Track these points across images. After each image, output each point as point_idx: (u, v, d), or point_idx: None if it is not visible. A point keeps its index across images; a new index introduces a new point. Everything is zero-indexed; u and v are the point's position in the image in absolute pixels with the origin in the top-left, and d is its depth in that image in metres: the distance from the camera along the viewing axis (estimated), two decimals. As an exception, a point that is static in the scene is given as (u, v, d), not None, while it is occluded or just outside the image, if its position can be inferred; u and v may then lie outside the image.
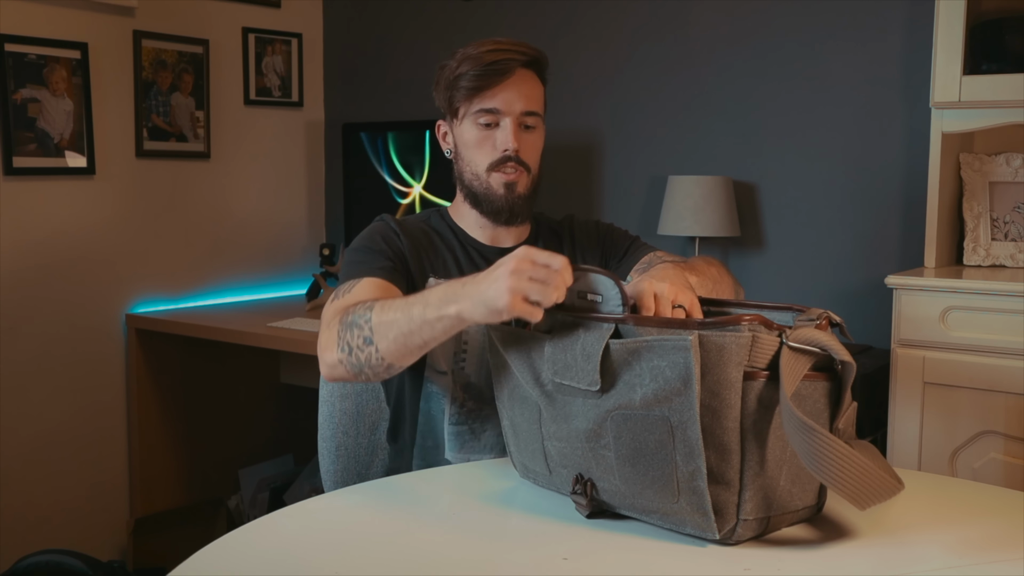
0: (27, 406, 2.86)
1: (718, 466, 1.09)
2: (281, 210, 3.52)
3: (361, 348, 1.35)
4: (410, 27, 3.41)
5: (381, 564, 1.11)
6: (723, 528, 1.10)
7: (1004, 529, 1.20)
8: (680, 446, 1.08)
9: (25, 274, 2.83)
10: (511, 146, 1.55)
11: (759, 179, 2.81)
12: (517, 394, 1.29)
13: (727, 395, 1.08)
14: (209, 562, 1.11)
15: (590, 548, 1.14)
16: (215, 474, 3.29)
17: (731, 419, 1.08)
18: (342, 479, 1.75)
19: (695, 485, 1.08)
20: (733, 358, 1.07)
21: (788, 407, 1.06)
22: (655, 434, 1.10)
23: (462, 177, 1.62)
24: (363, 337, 1.35)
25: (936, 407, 2.14)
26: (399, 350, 1.32)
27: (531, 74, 1.59)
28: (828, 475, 1.05)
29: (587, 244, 1.69)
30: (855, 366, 1.12)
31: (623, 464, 1.14)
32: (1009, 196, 2.39)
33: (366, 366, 1.36)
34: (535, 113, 1.58)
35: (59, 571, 2.62)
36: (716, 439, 1.08)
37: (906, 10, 2.56)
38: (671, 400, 1.08)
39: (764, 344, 1.09)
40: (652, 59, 2.96)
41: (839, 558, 1.11)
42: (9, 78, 2.74)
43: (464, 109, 1.58)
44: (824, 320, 1.15)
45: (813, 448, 1.05)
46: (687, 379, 1.06)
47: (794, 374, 1.09)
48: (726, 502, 1.10)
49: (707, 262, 1.55)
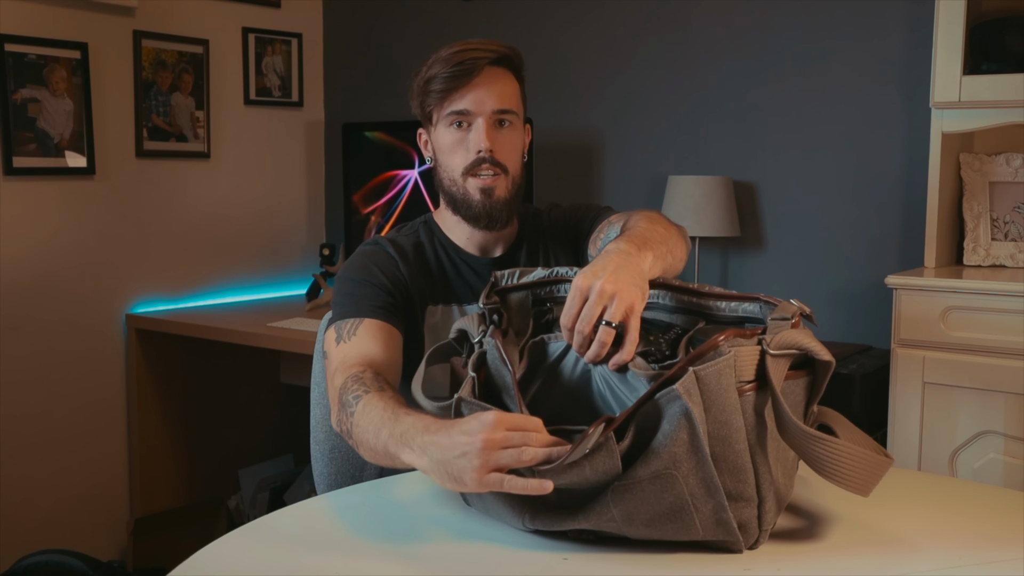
0: (27, 406, 2.86)
1: (735, 487, 1.08)
2: (281, 210, 3.52)
3: (347, 432, 1.34)
4: (410, 27, 3.41)
5: (381, 564, 1.11)
6: (749, 542, 1.11)
7: (1004, 529, 1.20)
8: (697, 491, 1.06)
9: (25, 274, 2.83)
10: (484, 146, 1.51)
11: (759, 179, 2.81)
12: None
13: (733, 420, 1.07)
14: (209, 562, 1.11)
15: (590, 548, 1.14)
16: (215, 474, 3.29)
17: (740, 441, 1.07)
18: (335, 482, 1.74)
19: (719, 518, 1.07)
20: (729, 382, 1.06)
21: (790, 419, 1.07)
22: (668, 493, 1.06)
23: (442, 183, 1.58)
24: (347, 425, 1.34)
25: (936, 407, 2.14)
26: (369, 455, 1.30)
27: (502, 71, 1.55)
28: (837, 475, 1.07)
29: (561, 237, 1.65)
30: (834, 363, 1.12)
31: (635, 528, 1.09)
32: (1009, 196, 2.39)
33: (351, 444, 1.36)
34: (509, 111, 1.54)
35: (59, 571, 2.62)
36: (729, 464, 1.07)
37: (906, 10, 2.56)
38: (675, 454, 1.05)
39: (746, 356, 1.08)
40: (652, 59, 2.96)
41: (839, 558, 1.11)
42: (9, 78, 2.74)
43: (437, 114, 1.55)
44: (797, 317, 1.14)
45: (819, 454, 1.06)
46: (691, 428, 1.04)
47: (778, 378, 1.09)
48: (749, 518, 1.10)
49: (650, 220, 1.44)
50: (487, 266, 1.59)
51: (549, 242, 1.66)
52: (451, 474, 1.11)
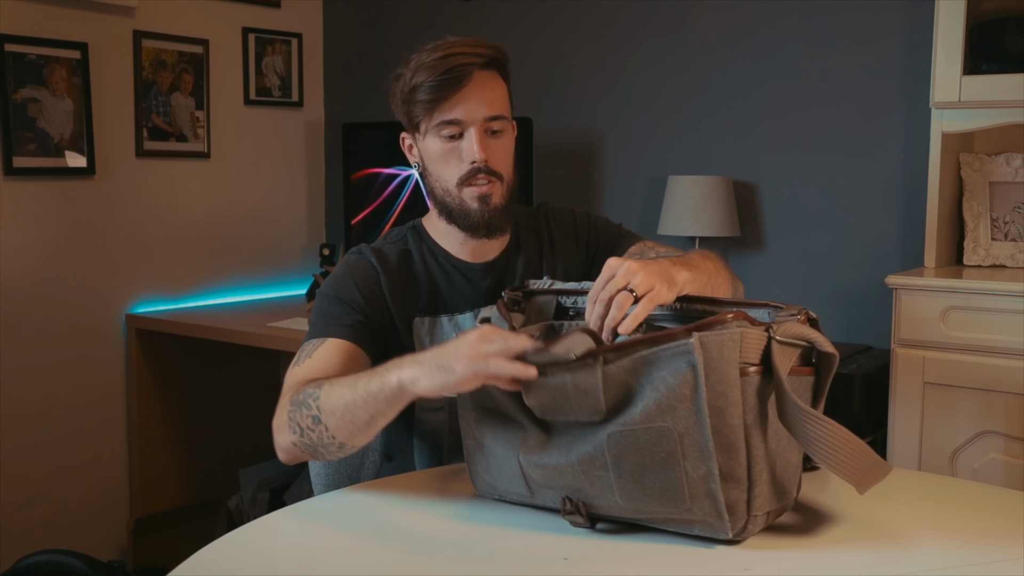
0: (27, 406, 2.86)
1: (726, 464, 1.08)
2: (281, 210, 3.52)
3: (311, 428, 1.30)
4: (410, 27, 3.41)
5: (381, 564, 1.11)
6: (736, 527, 1.10)
7: (1004, 529, 1.20)
8: (689, 452, 1.07)
9: (25, 274, 2.83)
10: (478, 157, 1.46)
11: (759, 179, 2.81)
12: (490, 417, 1.24)
13: (730, 392, 1.08)
14: (209, 562, 1.11)
15: (590, 548, 1.14)
16: (215, 474, 3.29)
17: (735, 416, 1.08)
18: (333, 482, 1.73)
19: (708, 488, 1.08)
20: (731, 355, 1.07)
21: (791, 398, 1.08)
22: (661, 446, 1.08)
23: (433, 192, 1.53)
24: (311, 416, 1.30)
25: (936, 407, 2.14)
26: (347, 427, 1.27)
27: (491, 74, 1.49)
28: (831, 459, 1.07)
29: (565, 241, 1.62)
30: (838, 356, 1.15)
31: (625, 482, 1.11)
32: (1009, 196, 2.39)
33: (319, 445, 1.31)
34: (500, 116, 1.49)
35: (59, 571, 2.62)
36: (723, 438, 1.08)
37: (906, 10, 2.56)
38: (675, 408, 1.07)
39: (753, 339, 1.09)
40: (652, 59, 2.96)
41: (839, 558, 1.11)
42: (9, 78, 2.74)
43: (425, 124, 1.49)
44: (803, 316, 1.16)
45: (814, 434, 1.07)
46: (695, 383, 1.06)
47: (784, 367, 1.10)
48: (737, 500, 1.10)
49: (703, 255, 1.46)
50: (480, 271, 1.56)
51: (554, 246, 1.62)
52: (441, 365, 1.17)
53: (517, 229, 1.62)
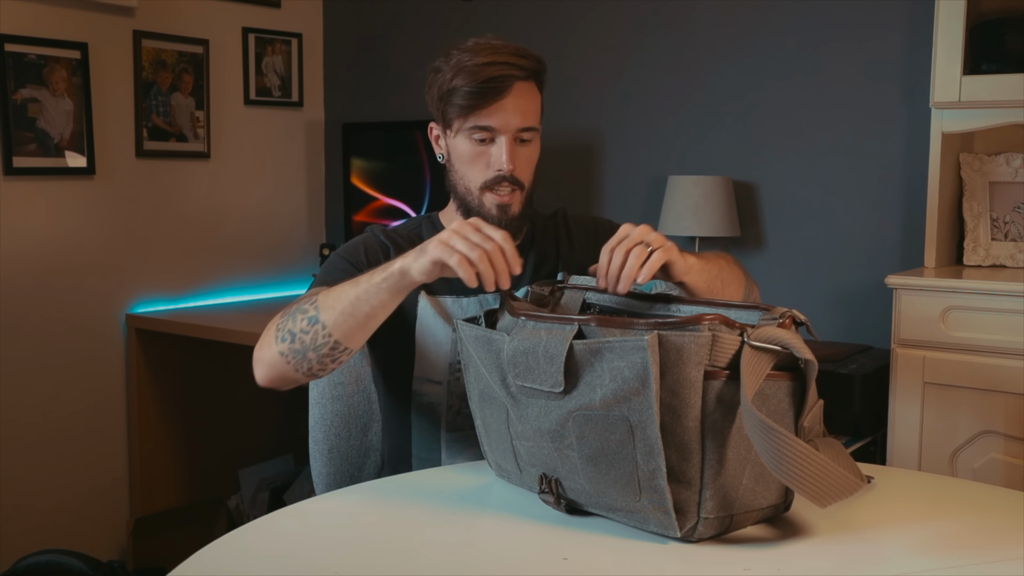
0: (27, 406, 2.86)
1: (679, 465, 1.09)
2: (281, 210, 3.52)
3: (306, 331, 1.34)
4: (410, 27, 3.41)
5: (381, 564, 1.11)
6: (684, 526, 1.11)
7: (1004, 529, 1.20)
8: (640, 445, 1.09)
9: (25, 274, 2.83)
10: (506, 167, 1.48)
11: (759, 179, 2.81)
12: (487, 395, 1.28)
13: (687, 394, 1.07)
14: (209, 562, 1.11)
15: (590, 548, 1.14)
16: (215, 474, 3.29)
17: (691, 418, 1.08)
18: (335, 482, 1.74)
19: (656, 484, 1.09)
20: (692, 358, 1.07)
21: (748, 406, 1.06)
22: (615, 434, 1.10)
23: (455, 189, 1.55)
24: (307, 318, 1.35)
25: (936, 407, 2.14)
26: (346, 322, 1.33)
27: (530, 86, 1.50)
28: (788, 474, 1.04)
29: (584, 240, 1.64)
30: (817, 364, 1.11)
31: (586, 464, 1.14)
32: (1009, 196, 2.39)
33: (309, 349, 1.35)
34: (532, 128, 1.51)
35: (59, 571, 2.62)
36: (676, 438, 1.08)
37: (906, 10, 2.56)
38: (630, 400, 1.08)
39: (725, 343, 1.08)
40: (652, 59, 2.96)
41: (839, 557, 1.12)
42: (9, 78, 2.74)
43: (459, 124, 1.50)
44: (788, 319, 1.14)
45: (773, 447, 1.04)
46: (644, 379, 1.06)
47: (756, 373, 1.08)
48: (687, 501, 1.10)
49: (717, 254, 1.49)
50: None
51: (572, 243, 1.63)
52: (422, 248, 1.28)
53: (533, 228, 1.63)
